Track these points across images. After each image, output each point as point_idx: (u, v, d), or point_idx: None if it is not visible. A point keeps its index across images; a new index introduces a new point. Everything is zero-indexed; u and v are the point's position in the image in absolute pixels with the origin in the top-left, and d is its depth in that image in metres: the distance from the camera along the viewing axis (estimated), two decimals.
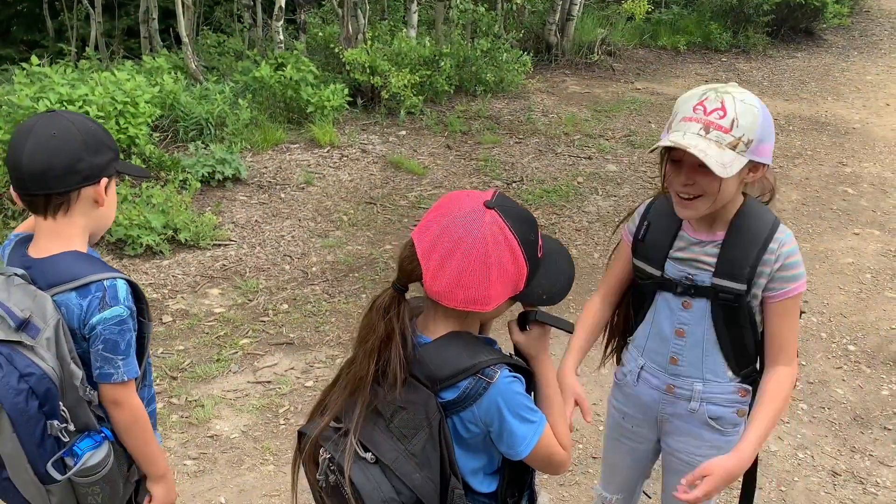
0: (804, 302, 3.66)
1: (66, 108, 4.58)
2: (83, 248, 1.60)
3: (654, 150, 1.66)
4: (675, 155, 1.66)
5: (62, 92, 4.70)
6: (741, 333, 1.78)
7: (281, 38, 6.89)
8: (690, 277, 1.78)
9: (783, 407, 1.72)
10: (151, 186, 4.73)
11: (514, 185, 5.67)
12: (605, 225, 5.18)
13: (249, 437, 3.17)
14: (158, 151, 5.13)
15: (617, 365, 2.08)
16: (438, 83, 6.81)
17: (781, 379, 1.74)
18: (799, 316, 1.80)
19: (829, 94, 8.30)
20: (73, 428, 1.53)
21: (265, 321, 3.95)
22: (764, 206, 1.77)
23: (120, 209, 4.30)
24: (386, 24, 7.57)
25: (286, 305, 4.09)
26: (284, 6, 6.87)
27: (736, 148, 1.56)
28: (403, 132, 6.46)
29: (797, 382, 3.06)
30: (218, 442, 3.13)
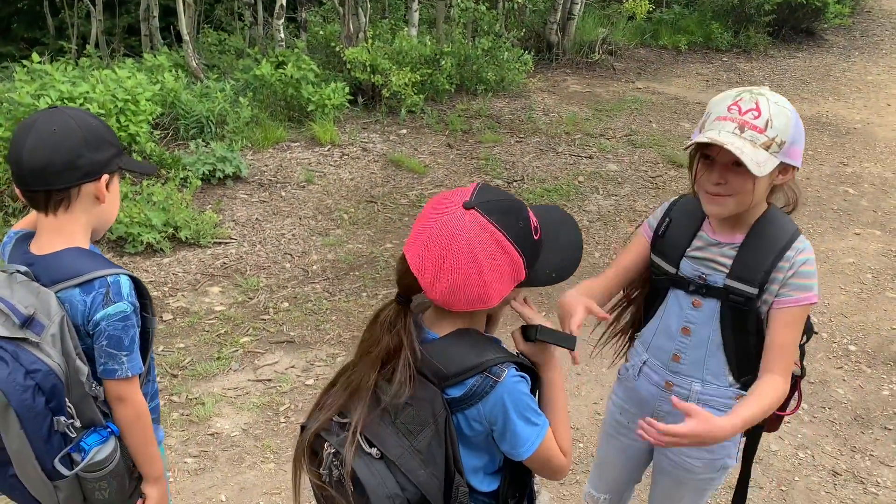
0: None
1: (66, 105, 4.57)
2: (85, 244, 1.59)
3: (688, 147, 1.66)
4: (709, 152, 1.66)
5: (63, 89, 4.69)
6: (747, 339, 1.77)
7: (282, 36, 6.89)
8: (704, 277, 1.78)
9: (769, 409, 1.67)
10: (152, 184, 4.73)
11: (514, 183, 5.67)
12: (605, 224, 5.18)
13: (250, 435, 3.17)
14: (159, 149, 5.13)
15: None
16: (439, 82, 6.81)
17: (775, 384, 1.69)
18: (804, 333, 1.76)
19: (830, 94, 8.30)
20: (79, 424, 1.53)
21: (266, 319, 3.95)
22: (786, 215, 1.77)
23: (121, 207, 4.29)
24: (387, 22, 7.57)
25: (287, 304, 4.09)
26: (285, 4, 6.86)
27: (769, 148, 1.57)
28: (404, 131, 6.45)
29: None
30: (218, 440, 3.13)
